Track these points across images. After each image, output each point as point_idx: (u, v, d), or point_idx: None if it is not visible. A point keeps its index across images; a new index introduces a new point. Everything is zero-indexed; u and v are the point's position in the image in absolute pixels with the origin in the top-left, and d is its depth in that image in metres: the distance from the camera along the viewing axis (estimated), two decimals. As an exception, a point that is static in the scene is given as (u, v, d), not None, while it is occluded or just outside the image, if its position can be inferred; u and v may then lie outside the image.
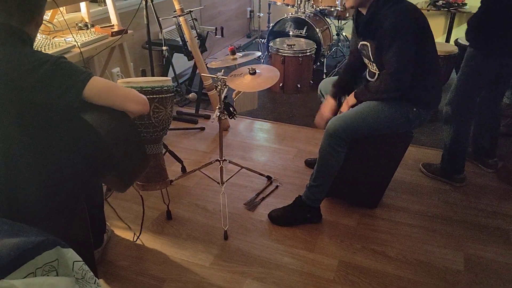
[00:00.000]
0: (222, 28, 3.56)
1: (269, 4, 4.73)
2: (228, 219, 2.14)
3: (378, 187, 2.21)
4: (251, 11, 5.55)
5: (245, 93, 2.84)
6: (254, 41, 5.13)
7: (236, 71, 2.10)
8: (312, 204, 2.10)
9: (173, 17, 2.84)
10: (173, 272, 1.83)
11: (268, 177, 2.49)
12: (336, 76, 2.28)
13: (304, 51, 3.62)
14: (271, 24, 4.14)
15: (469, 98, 2.28)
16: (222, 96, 2.09)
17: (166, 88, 1.70)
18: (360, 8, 1.95)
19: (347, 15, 4.06)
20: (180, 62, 3.71)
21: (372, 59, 1.97)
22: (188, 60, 3.18)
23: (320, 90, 2.39)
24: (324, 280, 1.80)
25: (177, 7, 2.78)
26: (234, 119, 2.22)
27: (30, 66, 1.18)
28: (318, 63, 4.03)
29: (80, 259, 1.11)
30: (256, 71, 2.04)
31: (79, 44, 2.20)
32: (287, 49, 3.60)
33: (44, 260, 1.02)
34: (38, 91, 1.20)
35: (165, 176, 1.87)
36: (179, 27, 2.95)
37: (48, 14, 2.43)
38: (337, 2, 3.89)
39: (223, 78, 2.05)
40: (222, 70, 2.18)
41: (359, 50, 2.06)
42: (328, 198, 2.25)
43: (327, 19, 4.24)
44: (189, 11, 2.85)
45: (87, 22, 2.60)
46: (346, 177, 2.13)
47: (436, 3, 4.15)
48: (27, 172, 1.27)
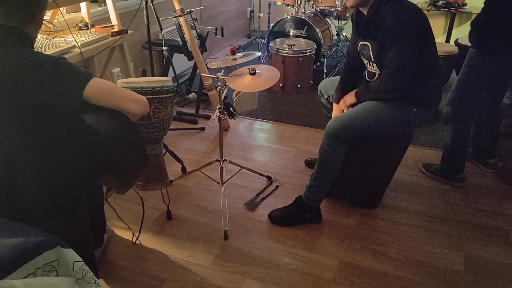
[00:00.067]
0: (222, 28, 3.56)
1: (269, 4, 4.74)
2: (228, 219, 2.14)
3: (378, 187, 2.21)
4: (251, 11, 5.55)
5: (245, 93, 2.84)
6: (254, 41, 5.13)
7: (236, 71, 2.10)
8: (312, 204, 2.10)
9: (173, 17, 2.84)
10: (173, 272, 1.83)
11: (268, 177, 2.49)
12: (336, 77, 2.28)
13: (304, 51, 3.62)
14: (271, 24, 4.14)
15: (470, 98, 2.29)
16: (222, 96, 2.09)
17: (166, 88, 1.70)
18: (361, 8, 1.95)
19: (347, 15, 4.06)
20: (180, 62, 3.71)
21: (373, 59, 1.97)
22: (188, 60, 3.18)
23: (320, 90, 2.39)
24: (324, 280, 1.80)
25: (177, 7, 2.78)
26: (234, 119, 2.22)
27: (30, 67, 1.18)
28: (318, 63, 4.03)
29: (80, 259, 1.11)
30: (256, 71, 2.04)
31: (79, 44, 2.20)
32: (287, 49, 3.60)
33: (44, 260, 1.02)
34: (38, 92, 1.20)
35: (165, 176, 1.87)
36: (179, 27, 2.95)
37: (48, 14, 2.43)
38: (337, 2, 3.89)
39: (223, 78, 2.05)
40: (222, 70, 2.18)
41: (359, 51, 2.06)
42: (328, 198, 2.25)
43: (327, 19, 4.24)
44: (189, 11, 2.85)
45: (87, 22, 2.60)
46: (346, 177, 2.14)
47: (436, 3, 4.15)
48: (27, 172, 1.27)
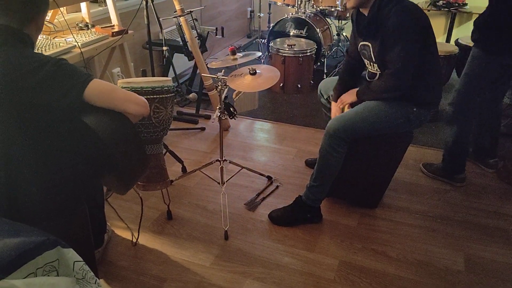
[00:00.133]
0: (223, 28, 3.56)
1: (270, 4, 4.74)
2: (229, 219, 2.14)
3: (378, 187, 2.21)
4: (252, 11, 5.55)
5: (246, 93, 2.84)
6: (255, 41, 5.13)
7: (237, 71, 2.10)
8: (313, 204, 2.10)
9: (174, 17, 2.84)
10: (174, 272, 1.83)
11: (269, 177, 2.49)
12: (336, 77, 2.28)
13: (305, 51, 3.62)
14: (272, 24, 4.14)
15: (473, 98, 2.28)
16: (223, 96, 2.09)
17: (167, 88, 1.70)
18: (361, 9, 1.94)
19: (348, 15, 4.06)
20: (181, 62, 3.71)
21: (373, 60, 1.97)
22: (189, 60, 3.18)
23: (320, 90, 2.39)
24: (325, 280, 1.80)
25: (178, 7, 2.78)
26: (235, 119, 2.22)
27: (31, 67, 1.19)
28: (319, 63, 4.03)
29: (81, 259, 1.11)
30: (257, 71, 2.04)
31: (80, 44, 2.20)
32: (288, 49, 3.60)
33: (45, 260, 1.02)
34: (39, 92, 1.20)
35: (166, 176, 1.87)
36: (180, 27, 2.95)
37: (49, 15, 2.43)
38: (338, 2, 3.89)
39: (224, 78, 2.05)
40: (223, 70, 2.18)
41: (360, 51, 2.06)
42: (328, 198, 2.25)
43: (328, 19, 4.24)
44: (190, 11, 2.85)
45: (88, 22, 2.60)
46: (346, 177, 2.14)
47: (437, 3, 4.15)
48: (28, 173, 1.27)
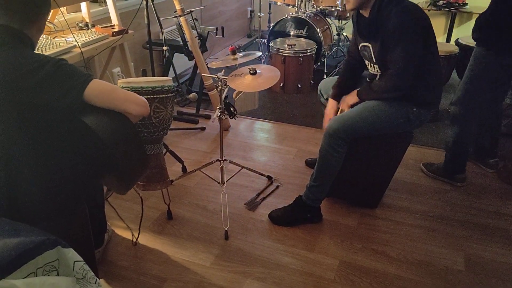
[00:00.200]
0: (223, 28, 3.56)
1: (270, 4, 4.74)
2: (229, 219, 2.14)
3: (379, 187, 2.21)
4: (252, 11, 5.55)
5: (246, 93, 2.84)
6: (255, 41, 5.13)
7: (237, 71, 2.10)
8: (313, 204, 2.10)
9: (174, 17, 2.84)
10: (174, 272, 1.83)
11: (269, 177, 2.49)
12: (336, 77, 2.28)
13: (305, 51, 3.62)
14: (272, 24, 4.14)
15: (477, 98, 2.27)
16: (223, 96, 2.09)
17: (167, 88, 1.70)
18: (361, 10, 1.94)
19: (348, 15, 4.06)
20: (181, 62, 3.71)
21: (374, 60, 1.97)
22: (189, 60, 3.18)
23: (320, 90, 2.39)
24: (325, 280, 1.80)
25: (178, 7, 2.78)
26: (235, 119, 2.22)
27: (31, 67, 1.19)
28: (319, 63, 4.03)
29: (81, 259, 1.11)
30: (257, 71, 2.04)
31: (80, 44, 2.20)
32: (288, 49, 3.60)
33: (45, 260, 1.02)
34: (39, 93, 1.20)
35: (166, 176, 1.87)
36: (180, 27, 2.95)
37: (49, 14, 2.43)
38: (338, 2, 3.89)
39: (224, 78, 2.05)
40: (223, 70, 2.18)
41: (360, 52, 2.06)
42: (328, 198, 2.25)
43: (328, 19, 4.24)
44: (190, 11, 2.85)
45: (88, 22, 2.60)
46: (346, 177, 2.14)
47: (437, 3, 4.15)
48: (28, 173, 1.27)
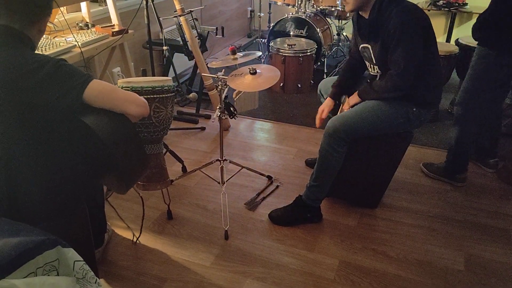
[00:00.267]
0: (223, 28, 3.56)
1: (270, 4, 4.74)
2: (229, 219, 2.14)
3: (379, 187, 2.21)
4: (252, 11, 5.55)
5: (246, 93, 2.84)
6: (255, 41, 5.13)
7: (237, 71, 2.10)
8: (313, 204, 2.10)
9: (174, 17, 2.84)
10: (174, 272, 1.83)
11: (269, 177, 2.49)
12: (336, 77, 2.28)
13: (305, 51, 3.62)
14: (272, 24, 4.14)
15: (477, 98, 2.26)
16: (223, 96, 2.09)
17: (167, 88, 1.70)
18: (361, 12, 1.94)
19: (348, 15, 4.06)
20: (181, 62, 3.71)
21: (374, 61, 1.96)
22: (189, 60, 3.18)
23: (320, 90, 2.38)
24: (325, 280, 1.80)
25: (178, 7, 2.78)
26: (235, 119, 2.22)
27: (31, 68, 1.18)
28: (319, 63, 4.03)
29: (81, 259, 1.11)
30: (257, 71, 2.04)
31: (80, 44, 2.20)
32: (288, 49, 3.60)
33: (45, 260, 1.02)
34: (39, 93, 1.20)
35: (166, 176, 1.87)
36: (180, 27, 2.95)
37: (50, 16, 2.43)
38: (338, 2, 3.89)
39: (224, 78, 2.05)
40: (223, 70, 2.18)
41: (361, 53, 2.06)
42: (328, 198, 2.25)
43: (328, 19, 4.24)
44: (190, 11, 2.85)
45: (88, 22, 2.60)
46: (346, 177, 2.14)
47: (437, 3, 4.15)
48: (28, 173, 1.27)
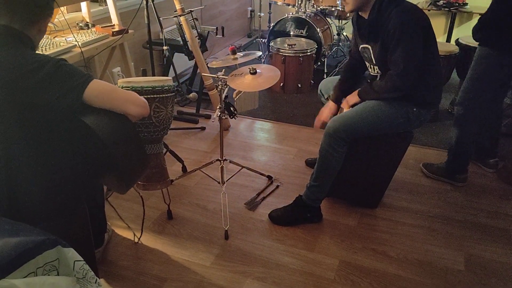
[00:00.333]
0: (223, 28, 3.56)
1: (270, 4, 4.74)
2: (229, 219, 2.14)
3: (379, 187, 2.21)
4: (252, 11, 5.55)
5: (246, 93, 2.84)
6: (255, 41, 5.13)
7: (237, 71, 2.10)
8: (313, 204, 2.10)
9: (174, 17, 2.84)
10: (174, 272, 1.83)
11: (269, 177, 2.49)
12: (336, 76, 2.27)
13: (305, 51, 3.62)
14: (272, 24, 4.14)
15: (478, 98, 2.25)
16: (223, 96, 2.09)
17: (167, 88, 1.70)
18: (361, 12, 1.94)
19: (348, 15, 4.06)
20: (181, 62, 3.71)
21: (374, 62, 1.96)
22: (189, 60, 3.18)
23: (320, 90, 2.38)
24: (325, 280, 1.80)
25: (178, 7, 2.78)
26: (235, 119, 2.22)
27: (31, 68, 1.18)
28: (319, 63, 4.03)
29: (81, 259, 1.11)
30: (257, 71, 2.04)
31: (80, 44, 2.20)
32: (288, 49, 3.60)
33: (45, 260, 1.02)
34: (39, 93, 1.20)
35: (166, 176, 1.87)
36: (180, 27, 2.95)
37: (51, 16, 2.43)
38: (338, 2, 3.89)
39: (224, 78, 2.05)
40: (223, 70, 2.18)
41: (361, 53, 2.06)
42: (329, 198, 2.25)
43: (328, 19, 4.24)
44: (190, 11, 2.85)
45: (88, 22, 2.60)
46: (346, 177, 2.14)
47: (437, 3, 4.15)
48: (28, 173, 1.27)
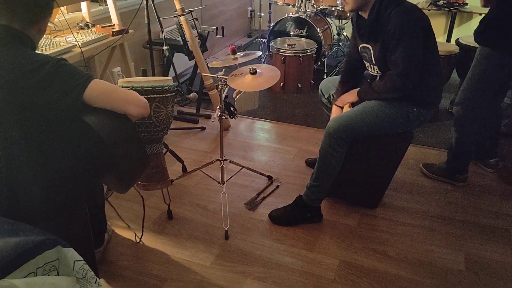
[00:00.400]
0: (223, 28, 3.56)
1: (270, 4, 4.74)
2: (229, 219, 2.14)
3: (379, 187, 2.21)
4: (252, 11, 5.55)
5: (246, 93, 2.84)
6: (255, 41, 5.13)
7: (237, 71, 2.10)
8: (313, 204, 2.10)
9: (174, 17, 2.84)
10: (174, 272, 1.83)
11: (269, 177, 2.49)
12: (337, 76, 2.27)
13: (305, 51, 3.62)
14: (272, 24, 4.14)
15: (478, 97, 2.25)
16: (223, 96, 2.09)
17: (167, 88, 1.70)
18: (360, 12, 1.94)
19: (348, 15, 4.06)
20: (181, 62, 3.71)
21: (374, 62, 1.96)
22: (189, 60, 3.18)
23: (321, 90, 2.38)
24: (325, 280, 1.80)
25: (178, 7, 2.78)
26: (235, 119, 2.22)
27: (31, 67, 1.18)
28: (319, 63, 4.03)
29: (81, 259, 1.11)
30: (257, 71, 2.04)
31: (80, 44, 2.20)
32: (288, 49, 3.60)
33: (45, 260, 1.02)
34: (39, 92, 1.20)
35: (166, 176, 1.87)
36: (180, 27, 2.95)
37: (51, 16, 2.43)
38: (338, 2, 3.89)
39: (224, 78, 2.05)
40: (223, 70, 2.18)
41: (360, 53, 2.05)
42: (329, 198, 2.25)
43: (328, 19, 4.24)
44: (190, 11, 2.85)
45: (88, 22, 2.60)
46: (346, 177, 2.13)
47: (437, 3, 4.14)
48: (28, 173, 1.27)
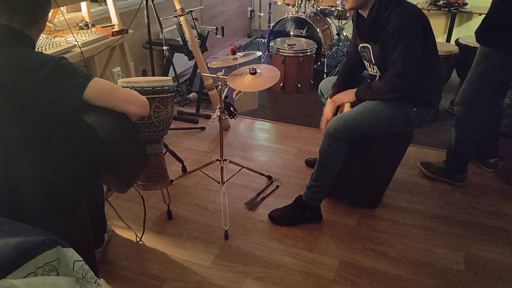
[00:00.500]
0: (223, 28, 3.56)
1: (270, 4, 4.74)
2: (229, 219, 2.14)
3: (378, 187, 2.21)
4: (252, 11, 5.55)
5: (246, 93, 2.84)
6: (255, 41, 5.13)
7: (237, 71, 2.10)
8: (313, 204, 2.10)
9: (174, 17, 2.84)
10: (174, 272, 1.83)
11: (269, 177, 2.49)
12: (336, 77, 2.28)
13: (305, 51, 3.62)
14: (272, 24, 4.14)
15: (478, 97, 2.25)
16: (223, 96, 2.09)
17: (167, 88, 1.70)
18: (360, 11, 1.93)
19: (348, 15, 4.06)
20: (181, 62, 3.71)
21: (374, 61, 1.96)
22: (189, 60, 3.18)
23: (321, 90, 2.39)
24: (325, 280, 1.80)
25: (178, 7, 2.78)
26: (235, 119, 2.22)
27: (31, 67, 1.18)
28: (319, 63, 4.03)
29: (81, 259, 1.11)
30: (257, 71, 2.04)
31: (80, 44, 2.20)
32: (288, 49, 3.60)
33: (45, 260, 1.02)
34: (39, 92, 1.20)
35: (166, 176, 1.87)
36: (180, 27, 2.95)
37: (49, 14, 2.43)
38: (338, 2, 3.89)
39: (224, 78, 2.05)
40: (223, 70, 2.18)
41: (360, 53, 2.05)
42: (328, 198, 2.25)
43: (328, 19, 4.24)
44: (190, 11, 2.85)
45: (88, 22, 2.60)
46: (346, 177, 2.14)
47: (437, 3, 4.15)
48: (28, 172, 1.27)
